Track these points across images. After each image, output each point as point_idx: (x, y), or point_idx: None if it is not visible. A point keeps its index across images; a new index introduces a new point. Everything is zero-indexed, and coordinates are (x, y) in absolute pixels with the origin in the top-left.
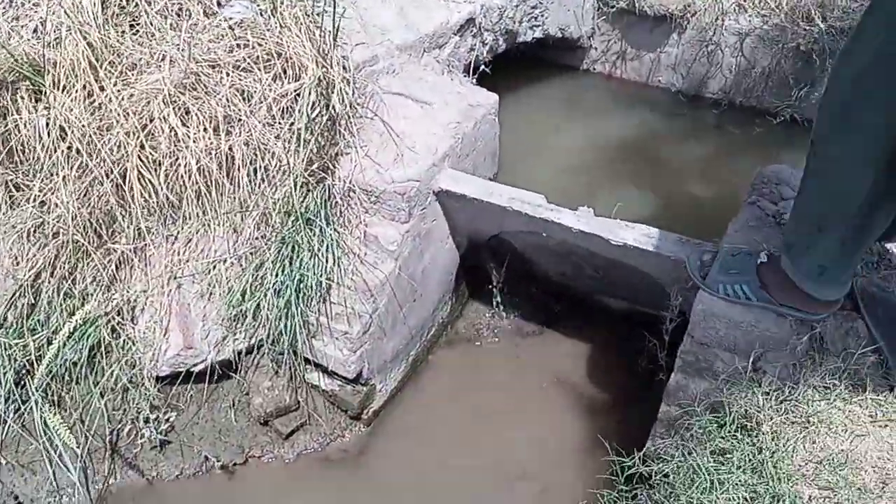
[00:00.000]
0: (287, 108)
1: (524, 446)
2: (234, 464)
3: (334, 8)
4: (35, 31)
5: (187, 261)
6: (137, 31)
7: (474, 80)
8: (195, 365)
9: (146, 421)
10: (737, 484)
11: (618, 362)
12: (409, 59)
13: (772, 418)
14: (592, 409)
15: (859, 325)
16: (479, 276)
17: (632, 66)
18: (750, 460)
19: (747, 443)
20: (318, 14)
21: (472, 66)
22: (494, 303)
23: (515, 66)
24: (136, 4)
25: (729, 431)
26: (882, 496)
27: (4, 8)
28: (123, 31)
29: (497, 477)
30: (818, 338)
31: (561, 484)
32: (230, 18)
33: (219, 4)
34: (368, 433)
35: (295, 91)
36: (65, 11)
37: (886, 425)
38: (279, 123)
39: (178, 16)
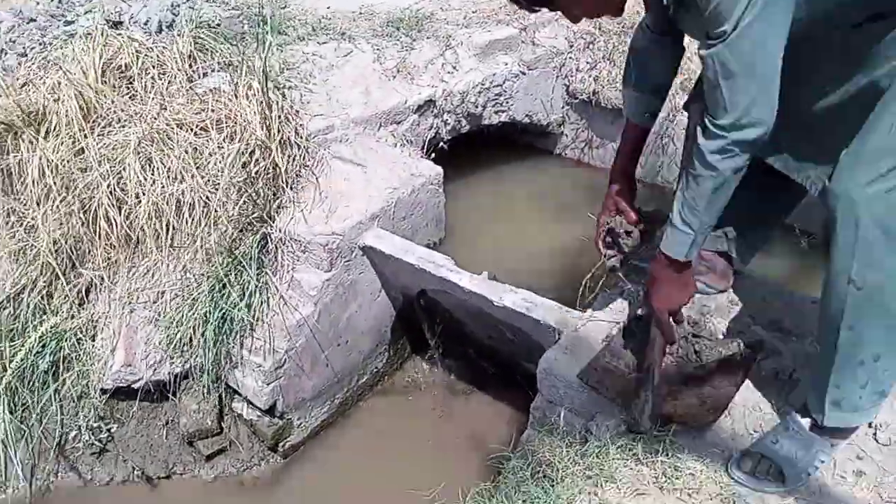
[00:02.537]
0: (231, 163)
1: (425, 490)
2: (158, 477)
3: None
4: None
5: (143, 289)
6: (132, 93)
7: (432, 156)
8: (134, 382)
9: (89, 429)
10: None
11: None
12: (363, 130)
13: (569, 468)
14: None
15: None
16: (422, 334)
17: (597, 154)
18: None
19: (543, 489)
20: (286, 88)
21: (426, 142)
22: (431, 360)
23: (492, 147)
24: (132, 72)
25: (532, 478)
26: None
27: (29, 70)
28: (118, 92)
29: None
30: None
31: None
32: (203, 86)
33: (205, 75)
34: (284, 464)
35: (238, 150)
36: (65, 74)
37: (663, 487)
38: (223, 176)
39: (170, 83)
